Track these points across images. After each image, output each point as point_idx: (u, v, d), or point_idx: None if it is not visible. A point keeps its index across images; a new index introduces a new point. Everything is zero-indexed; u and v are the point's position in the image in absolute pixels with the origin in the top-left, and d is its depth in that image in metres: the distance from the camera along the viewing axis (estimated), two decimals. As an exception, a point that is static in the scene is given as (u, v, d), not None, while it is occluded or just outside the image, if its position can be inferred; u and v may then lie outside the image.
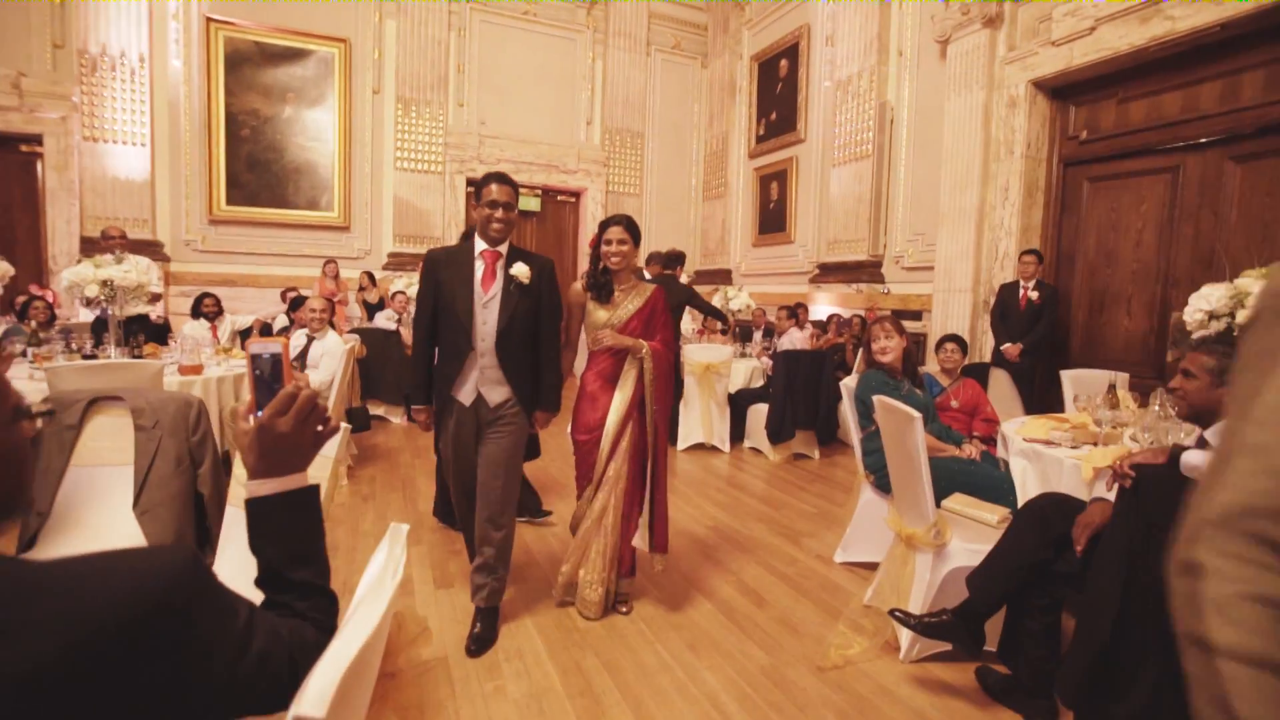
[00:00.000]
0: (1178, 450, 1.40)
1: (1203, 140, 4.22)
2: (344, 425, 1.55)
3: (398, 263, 7.48)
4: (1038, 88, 4.98)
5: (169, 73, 6.73)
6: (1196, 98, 4.23)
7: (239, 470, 1.58)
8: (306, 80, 7.29)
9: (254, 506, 0.76)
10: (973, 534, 2.11)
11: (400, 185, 7.61)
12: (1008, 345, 4.70)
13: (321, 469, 1.48)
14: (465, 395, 2.13)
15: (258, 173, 7.20)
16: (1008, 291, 4.86)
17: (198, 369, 3.37)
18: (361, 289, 6.85)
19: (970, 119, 5.32)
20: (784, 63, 7.80)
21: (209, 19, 6.77)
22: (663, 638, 2.21)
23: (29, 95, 6.29)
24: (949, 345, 3.13)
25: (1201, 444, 1.55)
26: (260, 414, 0.76)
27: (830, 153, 6.88)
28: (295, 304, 3.56)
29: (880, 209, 6.42)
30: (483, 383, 2.13)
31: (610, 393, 2.29)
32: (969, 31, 5.28)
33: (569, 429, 2.39)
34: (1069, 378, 3.74)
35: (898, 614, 1.89)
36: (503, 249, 2.14)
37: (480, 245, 2.14)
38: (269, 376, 0.79)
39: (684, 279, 5.53)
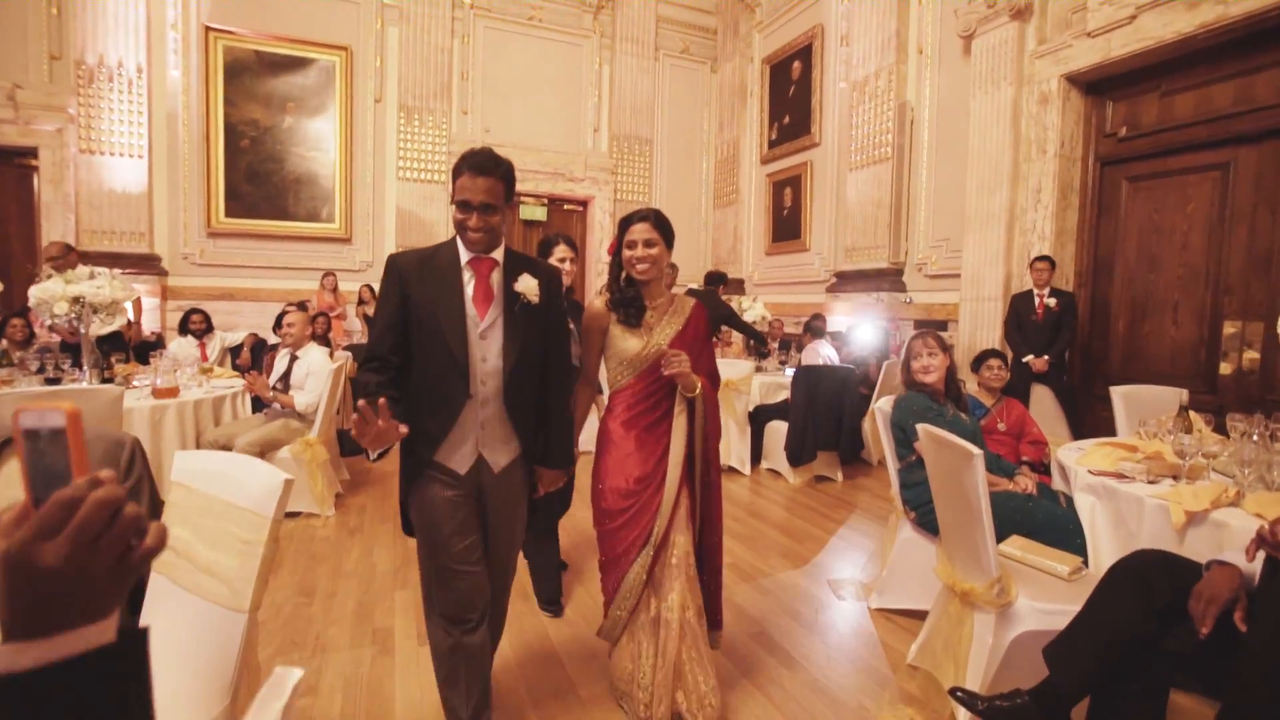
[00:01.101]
0: None
1: (1258, 133, 3.88)
2: (285, 477, 1.26)
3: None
4: (1071, 82, 4.67)
5: (167, 83, 6.58)
6: (1251, 88, 3.90)
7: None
8: (307, 89, 7.12)
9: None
10: (1041, 589, 1.79)
11: (403, 196, 7.40)
12: (1032, 358, 4.38)
13: (258, 531, 1.21)
14: (461, 460, 1.55)
15: (257, 184, 7.02)
16: (1022, 301, 4.57)
17: (173, 392, 3.13)
18: (361, 303, 6.63)
19: (998, 117, 5.01)
20: (797, 64, 7.54)
21: (208, 28, 6.62)
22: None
23: (24, 107, 6.15)
24: (993, 362, 2.82)
25: None
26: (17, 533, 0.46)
27: (847, 156, 6.58)
28: (279, 320, 3.34)
29: (901, 214, 6.11)
30: (485, 441, 1.57)
31: (651, 444, 1.76)
32: (995, 25, 4.99)
33: (592, 496, 1.82)
34: (1120, 395, 3.39)
35: (960, 694, 1.58)
36: (498, 255, 1.58)
37: (465, 252, 1.57)
38: (51, 466, 0.49)
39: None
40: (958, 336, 5.34)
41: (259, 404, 3.69)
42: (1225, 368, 4.10)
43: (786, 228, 7.82)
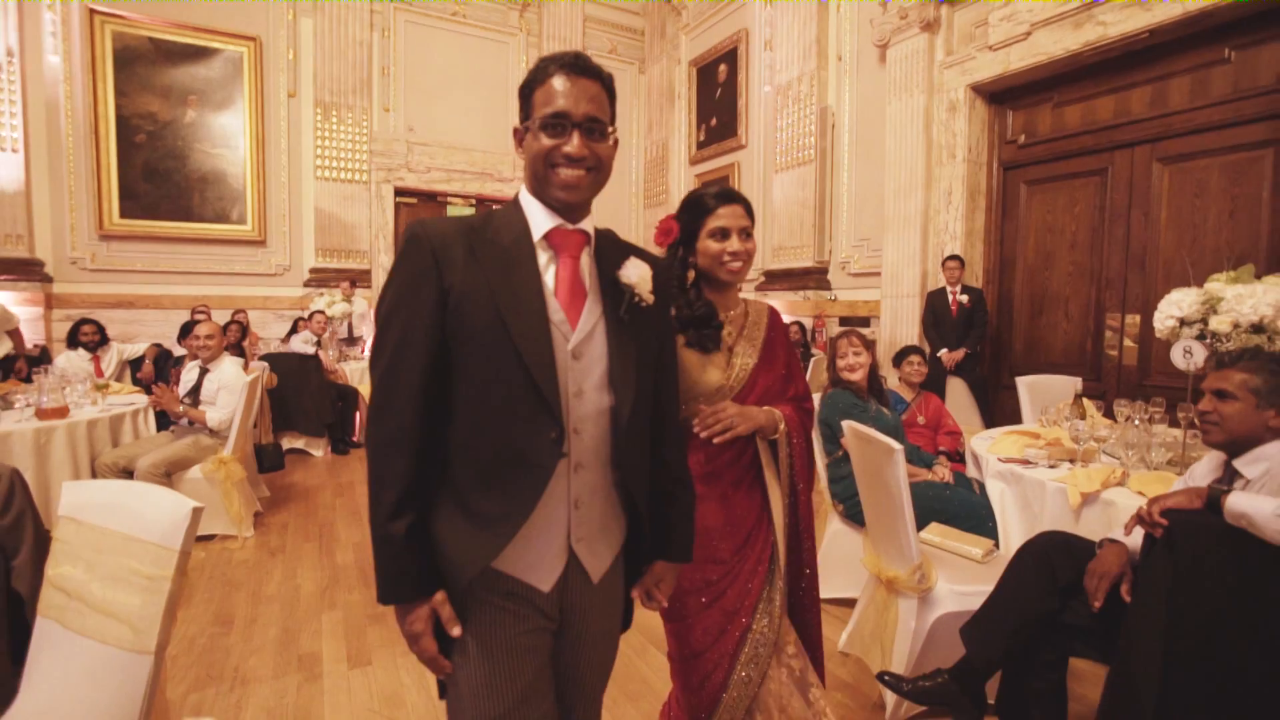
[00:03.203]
0: (1216, 494, 1.22)
1: (1131, 142, 4.27)
2: (193, 505, 1.18)
3: (320, 279, 6.92)
4: (976, 92, 4.98)
5: (45, 69, 5.99)
6: (1127, 101, 4.29)
7: (54, 570, 1.20)
8: (211, 81, 6.66)
9: None
10: (958, 572, 1.91)
11: (322, 196, 7.05)
12: (945, 352, 4.66)
13: (163, 565, 1.12)
14: (542, 568, 0.95)
15: (156, 182, 6.51)
16: (937, 299, 4.85)
17: (62, 411, 2.86)
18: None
19: (912, 123, 5.29)
20: (723, 68, 7.68)
21: (92, 11, 6.08)
22: (618, 714, 1.91)
23: None
24: (913, 358, 2.98)
25: (1232, 477, 1.39)
26: None
27: (772, 158, 6.78)
28: (185, 330, 3.09)
29: (824, 214, 6.34)
30: (581, 531, 0.97)
31: (742, 503, 1.31)
32: (907, 36, 5.25)
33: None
34: (1025, 385, 3.66)
35: (886, 678, 1.66)
36: (588, 227, 1.01)
37: (541, 216, 0.97)
38: None
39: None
40: (879, 332, 5.60)
41: (164, 421, 3.43)
42: (1108, 357, 4.50)
43: (717, 228, 7.96)
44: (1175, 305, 2.19)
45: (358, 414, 5.33)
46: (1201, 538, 1.15)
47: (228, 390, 3.20)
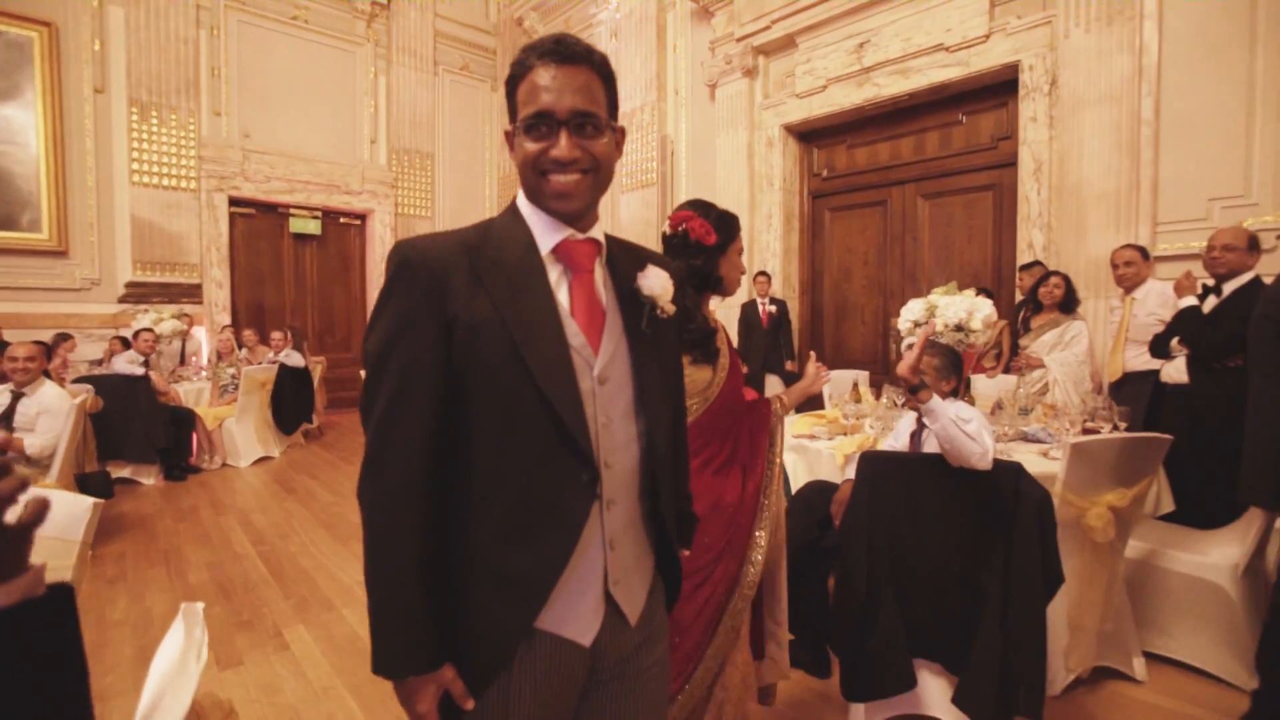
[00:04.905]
0: (918, 388, 1.70)
1: (902, 180, 5.31)
2: (93, 501, 1.32)
3: (140, 294, 6.31)
4: (788, 131, 5.85)
5: None
6: (899, 148, 5.33)
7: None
8: (-10, 69, 5.86)
9: None
10: (760, 523, 2.43)
11: (140, 203, 6.43)
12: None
13: (64, 556, 1.24)
14: (582, 619, 0.85)
15: (-84, 182, 5.60)
16: (750, 309, 5.62)
17: None
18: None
19: (737, 155, 6.06)
20: (574, 92, 8.13)
21: None
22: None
23: None
24: (732, 358, 3.55)
25: (923, 427, 2.00)
26: None
27: (619, 179, 7.31)
28: (-5, 352, 2.83)
29: (669, 233, 6.98)
30: (618, 574, 0.87)
31: (730, 487, 1.48)
32: (732, 79, 6.03)
33: None
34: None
35: (703, 605, 2.11)
36: (598, 234, 0.91)
37: (546, 227, 0.87)
38: None
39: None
40: (718, 338, 6.30)
41: (-38, 453, 3.10)
42: (892, 353, 5.51)
43: (573, 243, 8.36)
44: (911, 311, 2.93)
45: (195, 436, 5.00)
46: (885, 467, 1.71)
47: (50, 415, 2.98)
